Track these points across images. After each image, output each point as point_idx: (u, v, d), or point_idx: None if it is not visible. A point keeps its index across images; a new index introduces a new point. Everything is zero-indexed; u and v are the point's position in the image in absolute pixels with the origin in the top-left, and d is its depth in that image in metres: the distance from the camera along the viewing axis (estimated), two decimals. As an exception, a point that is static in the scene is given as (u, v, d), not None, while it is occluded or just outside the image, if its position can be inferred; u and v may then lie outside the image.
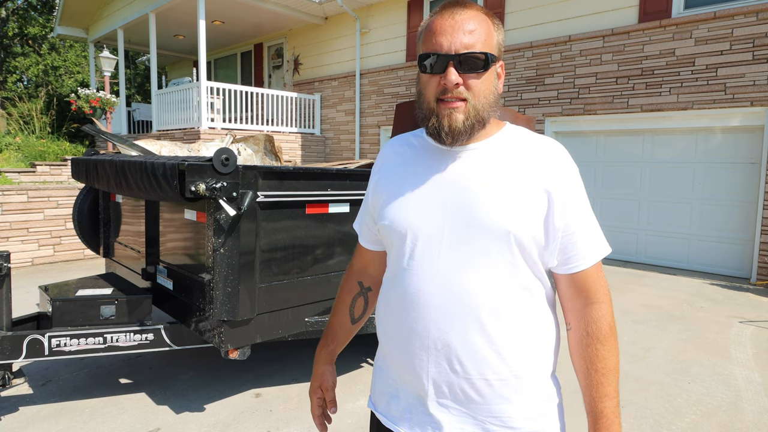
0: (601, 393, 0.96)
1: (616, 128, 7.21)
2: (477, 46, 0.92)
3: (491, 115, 0.97)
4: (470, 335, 0.92)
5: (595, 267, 0.98)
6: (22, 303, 4.66)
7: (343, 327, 1.24)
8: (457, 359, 0.93)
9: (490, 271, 0.92)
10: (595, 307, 0.98)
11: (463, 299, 0.92)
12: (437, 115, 0.94)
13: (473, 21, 0.93)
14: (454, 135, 0.94)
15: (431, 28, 0.95)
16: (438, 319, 0.94)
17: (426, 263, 0.96)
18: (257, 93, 10.37)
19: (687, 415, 2.85)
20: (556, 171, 0.95)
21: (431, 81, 0.94)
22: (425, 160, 1.02)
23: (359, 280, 1.22)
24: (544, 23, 7.78)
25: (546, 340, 0.98)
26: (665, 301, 5.16)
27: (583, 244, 0.96)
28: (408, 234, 0.98)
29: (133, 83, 19.95)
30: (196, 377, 3.27)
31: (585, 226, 0.96)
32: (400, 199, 1.01)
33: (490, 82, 0.95)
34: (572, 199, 0.95)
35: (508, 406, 0.94)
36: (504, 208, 0.92)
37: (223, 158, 2.34)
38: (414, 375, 0.98)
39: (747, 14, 5.95)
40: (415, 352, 0.97)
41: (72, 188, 6.87)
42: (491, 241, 0.92)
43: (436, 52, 0.92)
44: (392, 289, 1.02)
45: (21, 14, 20.78)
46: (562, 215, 0.94)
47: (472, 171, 0.97)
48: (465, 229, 0.93)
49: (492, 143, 0.99)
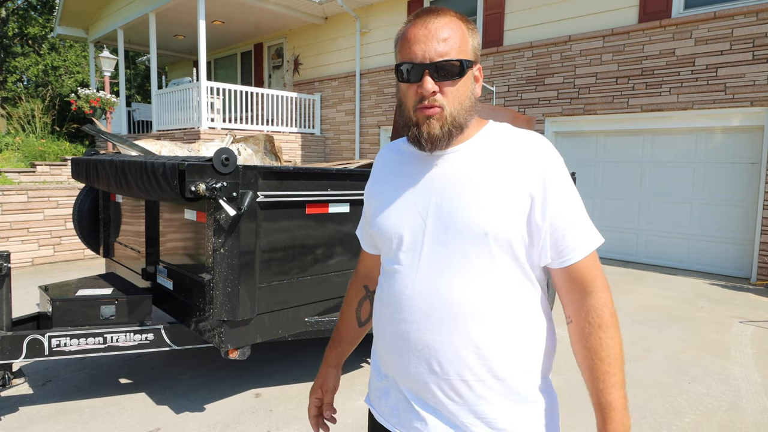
0: (608, 383, 0.93)
1: (616, 128, 7.21)
2: (452, 54, 0.93)
3: (469, 119, 0.98)
4: (449, 336, 0.93)
5: (590, 257, 0.96)
6: (22, 303, 4.66)
7: (350, 330, 1.26)
8: (436, 360, 0.94)
9: (469, 273, 0.93)
10: (594, 296, 0.96)
11: (442, 301, 0.94)
12: (416, 123, 0.96)
13: (447, 28, 0.94)
14: (432, 141, 0.95)
15: (406, 37, 0.96)
16: (418, 321, 0.96)
17: (407, 266, 0.98)
18: (257, 93, 10.37)
19: (687, 415, 2.85)
20: (537, 166, 0.94)
21: (409, 90, 0.96)
22: (409, 167, 1.04)
23: (365, 284, 1.25)
24: (544, 23, 7.78)
25: (531, 340, 0.96)
26: (665, 301, 5.16)
27: (573, 236, 0.95)
28: (393, 239, 1.01)
29: (133, 83, 19.95)
30: (196, 377, 3.27)
31: (573, 218, 0.95)
32: (386, 205, 1.04)
33: (467, 87, 0.96)
34: (556, 193, 0.94)
35: (489, 407, 0.94)
36: (481, 209, 0.92)
37: (223, 158, 2.34)
38: (399, 374, 1.01)
39: (747, 14, 5.95)
40: (399, 353, 0.99)
41: (72, 188, 6.87)
42: (469, 243, 0.93)
43: (411, 62, 0.93)
44: (382, 292, 1.06)
45: (21, 14, 20.77)
46: (545, 210, 0.93)
47: (451, 174, 0.98)
48: (444, 232, 0.95)
49: (472, 145, 1.00)
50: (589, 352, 0.95)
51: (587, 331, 0.96)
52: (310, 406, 1.25)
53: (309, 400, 1.26)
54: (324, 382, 1.25)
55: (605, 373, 0.94)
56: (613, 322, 0.95)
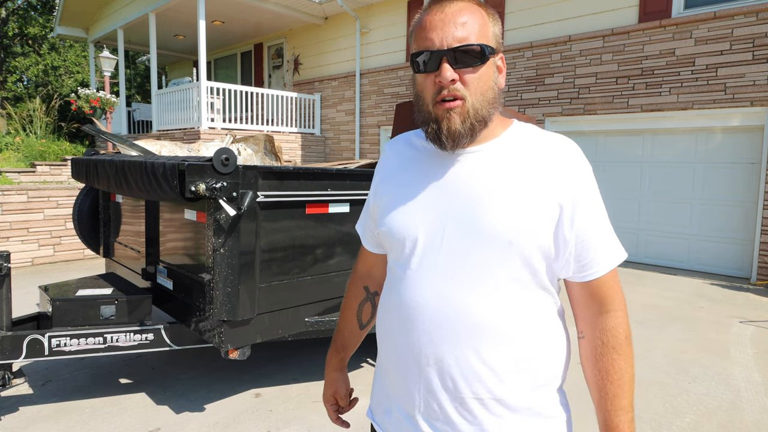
0: (617, 406, 0.89)
1: (616, 128, 7.21)
2: (471, 38, 0.86)
3: (492, 112, 0.90)
4: (463, 351, 0.86)
5: (611, 274, 0.91)
6: (22, 303, 4.66)
7: (352, 333, 1.20)
8: (449, 376, 0.88)
9: (488, 283, 0.86)
10: (610, 315, 0.91)
11: (457, 312, 0.87)
12: (436, 118, 0.88)
13: (465, 12, 0.87)
14: (454, 138, 0.88)
15: (421, 24, 0.89)
16: (430, 332, 0.88)
17: (421, 273, 0.91)
18: (257, 93, 10.37)
19: (687, 415, 2.85)
20: (568, 174, 0.88)
21: (426, 81, 0.88)
22: (426, 164, 0.96)
23: (365, 285, 1.19)
24: (544, 23, 7.78)
25: (550, 356, 0.91)
26: (665, 301, 5.16)
27: (597, 250, 0.89)
28: (405, 242, 0.93)
29: (133, 83, 19.95)
30: (196, 377, 3.27)
31: (599, 231, 0.90)
32: (399, 205, 0.96)
33: (489, 76, 0.89)
34: (586, 204, 0.88)
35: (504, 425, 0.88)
36: (506, 216, 0.85)
37: (223, 158, 2.34)
38: (405, 390, 0.94)
39: (747, 14, 5.95)
40: (407, 367, 0.92)
41: (72, 188, 6.87)
42: (490, 251, 0.86)
43: (428, 49, 0.87)
44: (390, 298, 0.98)
45: (21, 14, 20.77)
46: (573, 221, 0.87)
47: (474, 175, 0.90)
48: (463, 238, 0.88)
49: (497, 145, 0.92)
50: (600, 373, 0.91)
51: (600, 351, 0.91)
52: (330, 413, 1.20)
53: (326, 408, 1.20)
54: (336, 389, 1.19)
55: (615, 395, 0.90)
56: (627, 343, 0.91)
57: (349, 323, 1.20)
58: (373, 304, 1.18)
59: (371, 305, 1.18)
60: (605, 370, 0.90)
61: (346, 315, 1.21)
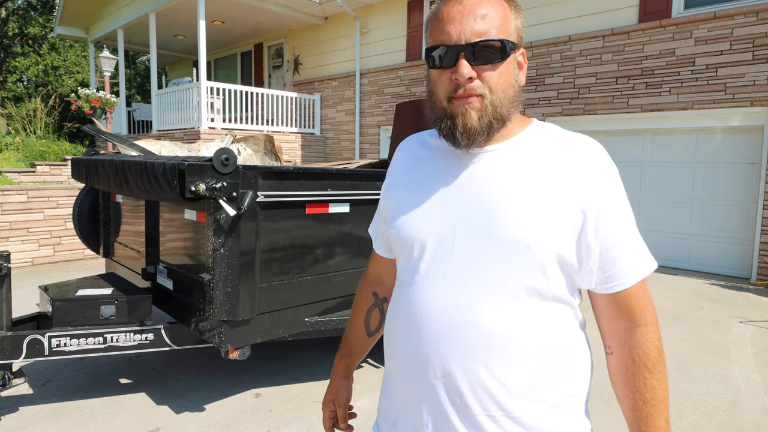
0: (651, 427, 0.83)
1: (616, 128, 7.21)
2: (491, 33, 0.80)
3: (512, 111, 0.84)
4: (473, 364, 0.81)
5: (640, 285, 0.85)
6: (22, 303, 4.66)
7: (359, 340, 1.16)
8: (456, 391, 0.82)
9: (501, 292, 0.80)
10: (641, 330, 0.85)
11: (468, 322, 0.81)
12: (451, 114, 0.83)
13: (485, 4, 0.81)
14: (469, 135, 0.82)
15: (438, 16, 0.83)
16: (438, 343, 0.83)
17: (430, 279, 0.85)
18: (257, 93, 10.37)
19: (687, 415, 2.85)
20: (593, 178, 0.82)
21: (442, 77, 0.83)
22: (439, 164, 0.91)
23: (374, 291, 1.14)
24: (544, 23, 7.78)
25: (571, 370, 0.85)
26: (665, 301, 5.16)
27: (624, 259, 0.83)
28: (414, 245, 0.88)
29: (133, 83, 19.95)
30: (196, 377, 3.27)
31: (626, 239, 0.84)
32: (410, 206, 0.91)
33: (510, 73, 0.83)
34: (612, 210, 0.82)
35: None
36: (523, 219, 0.80)
37: (223, 158, 2.34)
38: (412, 404, 0.88)
39: (747, 14, 5.95)
40: (414, 379, 0.87)
41: (72, 188, 6.87)
42: (505, 257, 0.80)
43: (444, 44, 0.81)
44: (397, 305, 0.93)
45: (21, 14, 20.77)
46: (598, 229, 0.81)
47: (489, 176, 0.85)
48: (476, 242, 0.82)
49: (516, 143, 0.87)
50: (631, 392, 0.86)
51: (631, 369, 0.85)
52: (324, 418, 1.15)
53: (323, 412, 1.16)
54: (336, 395, 1.14)
55: (648, 416, 0.84)
56: (660, 360, 0.85)
57: (357, 329, 1.16)
58: (382, 311, 1.14)
59: (379, 312, 1.14)
60: (637, 390, 0.85)
61: (354, 320, 1.16)
